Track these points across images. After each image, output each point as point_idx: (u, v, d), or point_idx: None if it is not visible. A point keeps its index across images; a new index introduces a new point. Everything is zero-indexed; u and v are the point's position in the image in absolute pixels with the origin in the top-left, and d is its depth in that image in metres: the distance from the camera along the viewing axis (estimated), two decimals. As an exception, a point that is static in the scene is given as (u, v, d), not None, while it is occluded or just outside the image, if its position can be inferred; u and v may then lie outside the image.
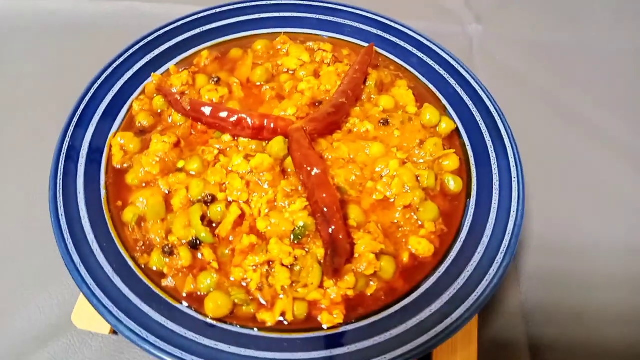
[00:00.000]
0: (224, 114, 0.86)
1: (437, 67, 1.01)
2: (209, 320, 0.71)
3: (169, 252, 0.76)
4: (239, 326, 0.71)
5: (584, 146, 1.11)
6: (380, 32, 1.05)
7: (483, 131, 0.91)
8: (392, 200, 0.83)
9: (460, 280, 0.75)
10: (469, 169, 0.89)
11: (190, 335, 0.69)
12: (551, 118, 1.16)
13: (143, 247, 0.78)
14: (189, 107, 0.88)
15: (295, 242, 0.76)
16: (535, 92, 1.21)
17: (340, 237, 0.72)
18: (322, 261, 0.74)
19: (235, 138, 0.88)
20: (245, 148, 0.86)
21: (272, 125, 0.85)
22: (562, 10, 1.40)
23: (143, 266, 0.76)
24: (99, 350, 0.83)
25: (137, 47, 0.97)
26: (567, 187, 1.05)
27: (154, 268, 0.76)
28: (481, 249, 0.78)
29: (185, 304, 0.73)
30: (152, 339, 0.67)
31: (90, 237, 0.76)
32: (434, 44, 1.02)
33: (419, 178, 0.84)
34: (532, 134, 1.10)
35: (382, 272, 0.76)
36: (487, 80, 1.18)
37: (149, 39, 0.98)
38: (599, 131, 1.14)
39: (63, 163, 0.82)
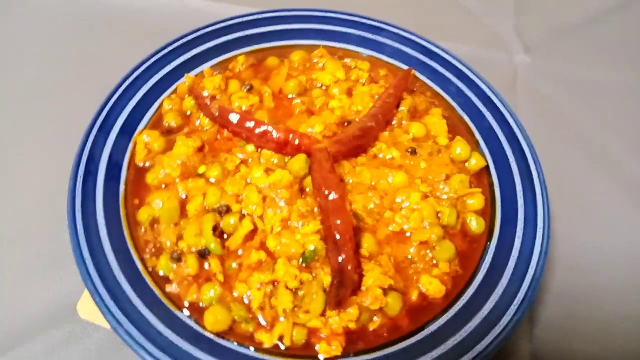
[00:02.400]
0: (250, 124, 0.85)
1: (475, 98, 0.97)
2: (207, 334, 0.71)
3: (178, 258, 0.75)
4: (236, 343, 0.71)
5: (614, 192, 1.06)
6: (421, 56, 1.03)
7: (514, 173, 0.88)
8: (408, 234, 0.80)
9: (468, 328, 0.72)
10: (493, 210, 0.86)
11: (186, 346, 0.68)
12: (583, 159, 1.11)
13: (153, 250, 0.78)
14: (217, 113, 0.88)
15: (304, 265, 0.75)
16: (574, 131, 1.16)
17: (349, 268, 0.70)
18: (327, 289, 0.72)
19: (259, 150, 0.87)
20: (268, 161, 0.85)
21: (296, 141, 0.84)
22: (616, 49, 1.33)
23: (150, 269, 0.76)
24: (99, 343, 0.84)
25: (175, 45, 0.98)
26: (592, 233, 1.00)
27: (161, 273, 0.76)
28: (495, 297, 0.75)
29: (186, 313, 0.73)
30: (148, 346, 0.67)
31: (103, 232, 0.77)
32: (474, 74, 0.99)
33: (439, 215, 0.82)
34: (564, 174, 1.06)
35: (387, 308, 0.74)
36: (527, 114, 1.16)
37: (188, 38, 0.99)
38: (630, 178, 1.08)
39: (88, 151, 0.84)
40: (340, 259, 0.71)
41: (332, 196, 0.75)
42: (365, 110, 0.92)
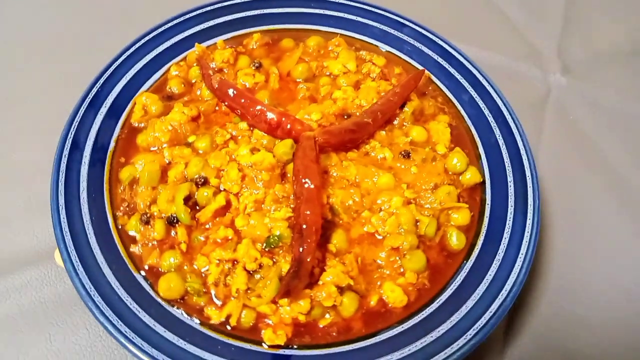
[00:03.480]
0: (246, 102, 0.85)
1: (486, 111, 0.93)
2: (157, 299, 0.71)
3: (146, 221, 0.76)
4: (183, 312, 0.71)
5: (626, 227, 0.99)
6: (439, 58, 0.99)
7: (509, 194, 0.83)
8: (381, 237, 0.78)
9: (420, 344, 0.70)
10: (479, 229, 0.82)
11: (135, 306, 0.69)
12: (602, 190, 1.04)
13: (127, 209, 0.79)
14: (216, 85, 0.88)
15: (267, 249, 0.74)
16: (596, 158, 1.08)
17: (308, 259, 0.69)
18: (282, 277, 0.71)
19: (251, 128, 0.86)
20: (258, 141, 0.84)
21: (288, 125, 0.83)
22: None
23: (120, 227, 0.77)
24: (70, 289, 0.86)
25: (193, 14, 0.98)
26: (595, 267, 0.94)
27: (131, 232, 0.77)
28: (455, 318, 0.72)
29: (142, 274, 0.74)
30: (97, 298, 0.68)
31: (83, 184, 0.79)
32: (490, 85, 0.94)
33: (418, 223, 0.79)
34: (579, 201, 1.02)
35: (341, 307, 0.72)
36: (551, 135, 1.11)
37: (207, 8, 0.99)
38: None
39: (89, 100, 0.86)
40: (300, 249, 0.70)
41: (308, 185, 0.74)
42: (368, 105, 0.90)
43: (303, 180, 0.75)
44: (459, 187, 0.85)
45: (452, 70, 0.97)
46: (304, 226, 0.71)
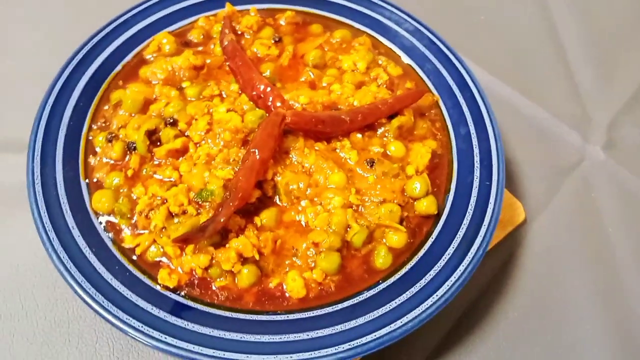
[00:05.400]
0: (243, 66, 0.89)
1: (476, 150, 0.89)
2: (88, 207, 0.78)
3: (110, 139, 0.83)
4: (103, 225, 0.77)
5: None
6: (453, 85, 0.96)
7: (455, 239, 0.79)
8: (308, 229, 0.78)
9: (293, 337, 0.70)
10: (409, 259, 0.79)
11: (65, 202, 0.77)
12: (589, 285, 0.94)
13: (103, 125, 0.87)
14: (226, 42, 0.93)
15: (196, 200, 0.78)
16: (600, 253, 0.98)
17: (221, 220, 0.72)
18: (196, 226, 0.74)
19: (240, 93, 0.90)
20: (240, 105, 0.88)
21: (270, 98, 0.86)
22: None
23: (90, 137, 0.85)
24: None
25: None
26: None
27: (97, 148, 0.85)
28: (335, 330, 0.70)
29: (86, 182, 0.81)
30: (38, 184, 0.76)
31: (77, 92, 0.88)
32: (493, 128, 0.89)
33: (349, 228, 0.78)
34: (555, 288, 0.93)
35: (239, 275, 0.74)
36: (560, 208, 1.03)
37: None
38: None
39: (116, 25, 0.96)
40: (220, 208, 0.73)
41: (255, 154, 0.76)
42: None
43: (252, 150, 0.77)
44: (410, 211, 0.82)
45: (460, 100, 0.94)
46: (233, 190, 0.74)
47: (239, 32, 1.00)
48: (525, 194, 1.04)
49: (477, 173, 0.86)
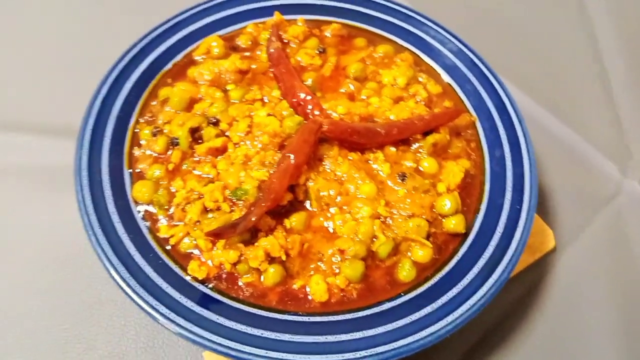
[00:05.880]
0: (286, 73, 0.92)
1: (509, 173, 0.89)
2: (128, 195, 0.82)
3: (155, 133, 0.87)
4: (141, 213, 0.81)
5: None
6: (492, 108, 0.96)
7: (479, 261, 0.80)
8: (335, 235, 0.80)
9: (312, 339, 0.71)
10: (432, 275, 0.80)
11: (108, 188, 0.81)
12: (608, 323, 0.93)
13: (149, 119, 0.91)
14: (272, 50, 0.96)
15: (231, 198, 0.80)
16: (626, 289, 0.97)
17: (253, 219, 0.74)
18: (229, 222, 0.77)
19: (281, 99, 0.93)
20: (280, 110, 0.91)
21: (309, 106, 0.88)
22: None
23: (137, 130, 0.90)
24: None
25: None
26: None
27: (142, 141, 0.89)
28: (350, 337, 0.72)
29: (130, 172, 0.85)
30: (84, 164, 0.81)
31: (129, 84, 0.93)
32: (528, 153, 0.90)
33: (374, 239, 0.80)
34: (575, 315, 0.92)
35: (265, 274, 0.76)
36: (590, 240, 1.01)
37: (301, -13, 1.08)
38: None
39: (171, 25, 1.01)
40: (252, 208, 0.76)
41: (290, 159, 0.79)
42: (395, 120, 0.91)
43: (288, 154, 0.80)
44: (438, 228, 0.83)
45: (498, 123, 0.94)
46: (266, 190, 0.76)
47: (285, 41, 1.03)
48: (556, 222, 1.03)
49: (508, 196, 0.86)
